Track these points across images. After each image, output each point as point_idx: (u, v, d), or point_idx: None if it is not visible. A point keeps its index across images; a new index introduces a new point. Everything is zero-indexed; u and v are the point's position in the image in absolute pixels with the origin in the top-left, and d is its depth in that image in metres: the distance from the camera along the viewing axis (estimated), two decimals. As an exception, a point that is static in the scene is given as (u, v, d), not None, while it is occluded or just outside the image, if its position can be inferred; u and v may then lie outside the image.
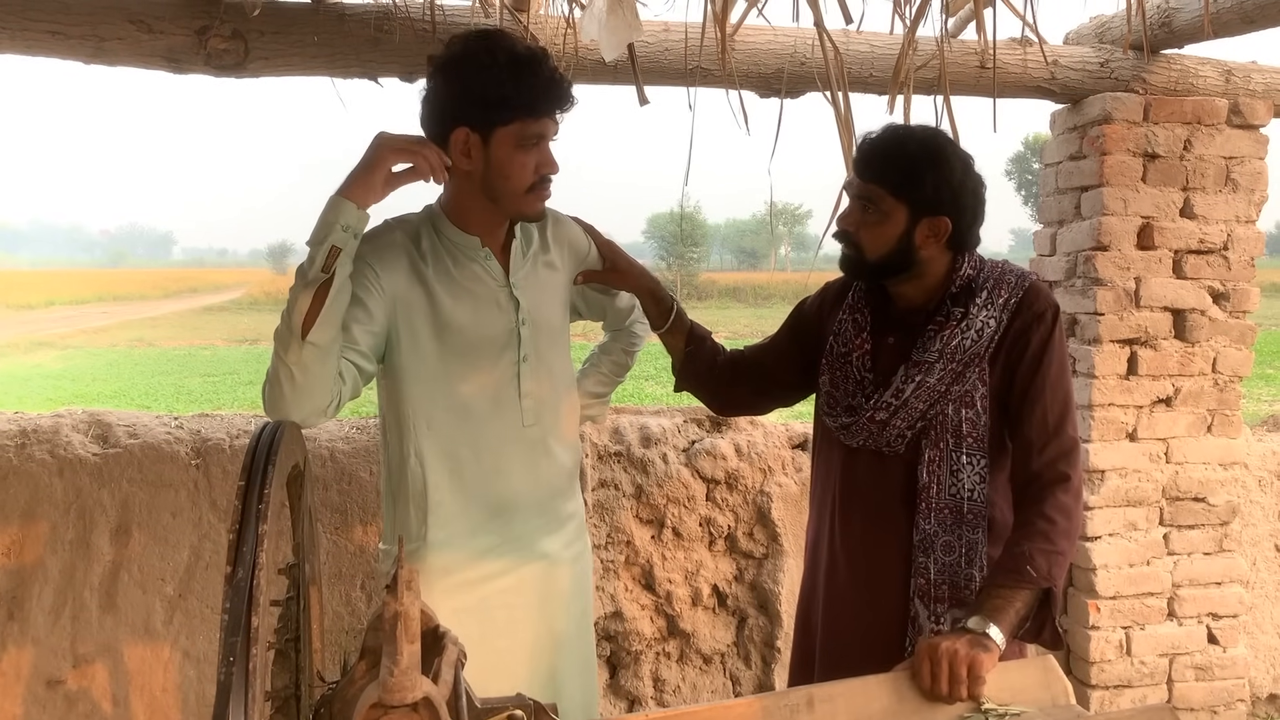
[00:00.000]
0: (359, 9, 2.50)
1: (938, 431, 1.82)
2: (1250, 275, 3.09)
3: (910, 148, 1.80)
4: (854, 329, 1.92)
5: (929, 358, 1.81)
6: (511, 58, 1.74)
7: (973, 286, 1.84)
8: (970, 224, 1.83)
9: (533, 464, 1.92)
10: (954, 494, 1.81)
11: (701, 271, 60.90)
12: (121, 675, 2.73)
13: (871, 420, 1.84)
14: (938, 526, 1.82)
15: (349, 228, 1.64)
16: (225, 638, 1.01)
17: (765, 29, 2.68)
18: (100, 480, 2.71)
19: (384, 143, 1.69)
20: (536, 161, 1.80)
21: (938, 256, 1.84)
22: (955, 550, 1.81)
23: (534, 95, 1.76)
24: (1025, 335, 1.80)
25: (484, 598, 1.88)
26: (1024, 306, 1.81)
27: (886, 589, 1.86)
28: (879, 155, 1.81)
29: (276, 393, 1.64)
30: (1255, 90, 3.05)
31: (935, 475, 1.82)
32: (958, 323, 1.80)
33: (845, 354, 1.92)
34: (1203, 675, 3.12)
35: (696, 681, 3.06)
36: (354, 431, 2.90)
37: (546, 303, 1.95)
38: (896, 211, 1.79)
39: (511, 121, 1.75)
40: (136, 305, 50.25)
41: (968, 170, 1.81)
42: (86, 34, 2.37)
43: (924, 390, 1.81)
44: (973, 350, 1.80)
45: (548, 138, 1.81)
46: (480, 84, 1.73)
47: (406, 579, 1.08)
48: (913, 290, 1.88)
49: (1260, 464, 3.34)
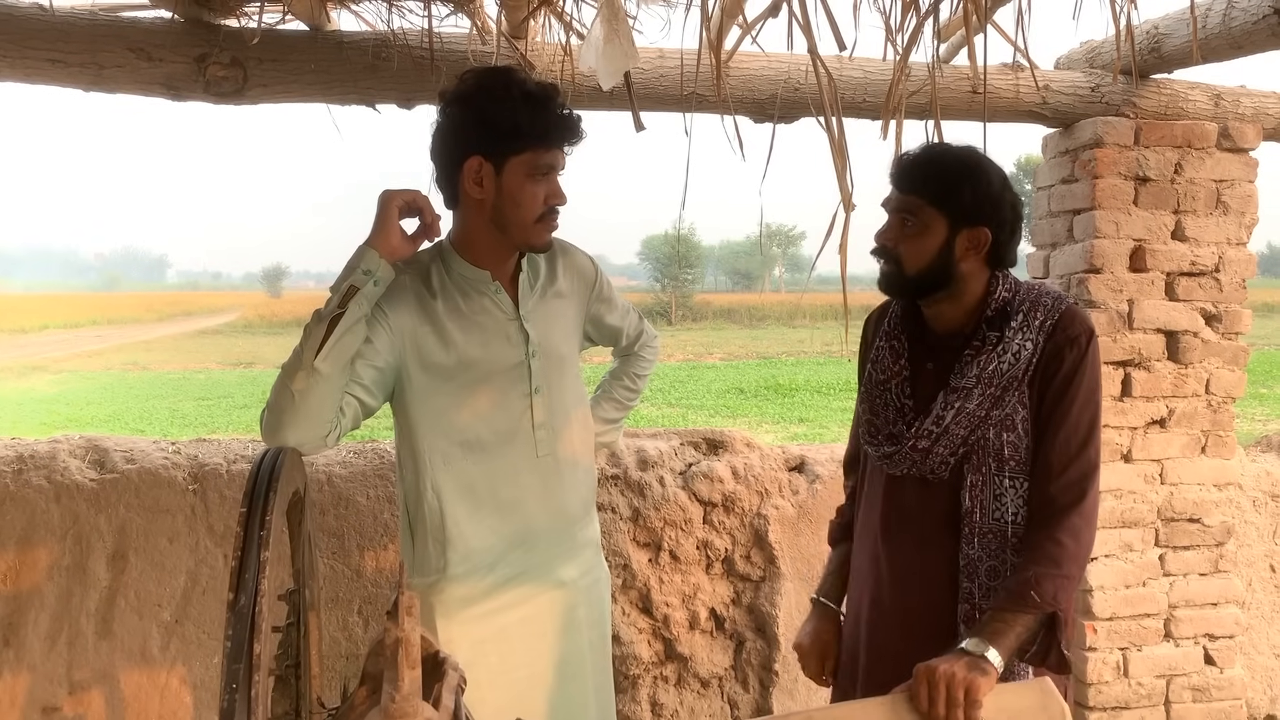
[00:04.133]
0: (357, 37, 2.52)
1: (980, 456, 1.80)
2: (1242, 297, 3.11)
3: (948, 160, 1.82)
4: (891, 356, 1.91)
5: (967, 383, 1.79)
6: (525, 92, 1.79)
7: (1008, 310, 1.82)
8: (1009, 237, 1.82)
9: (548, 493, 1.94)
10: (998, 518, 1.80)
11: (696, 293, 61.04)
12: (118, 702, 2.72)
13: (914, 449, 1.82)
14: (982, 551, 1.80)
15: (370, 272, 1.72)
16: (228, 664, 1.01)
17: (759, 56, 2.71)
18: (97, 506, 2.71)
19: (388, 195, 1.78)
20: (546, 192, 1.83)
21: (976, 273, 1.83)
22: (1000, 574, 1.79)
23: (547, 126, 1.80)
24: (1058, 357, 1.79)
25: (503, 627, 1.89)
26: (1059, 329, 1.80)
27: (934, 614, 1.85)
28: (918, 168, 1.82)
29: (275, 418, 1.66)
30: (1244, 114, 3.08)
31: (978, 500, 1.80)
32: (993, 347, 1.79)
33: (884, 381, 1.91)
34: (1200, 696, 3.12)
35: (694, 705, 3.05)
36: (351, 456, 2.90)
37: (556, 333, 1.97)
38: (936, 222, 1.78)
39: (524, 151, 1.79)
40: (131, 328, 50.21)
41: (1005, 184, 1.82)
42: (86, 62, 2.39)
43: (964, 416, 1.79)
44: (1010, 374, 1.78)
45: (557, 169, 1.85)
46: (495, 114, 1.77)
47: (407, 605, 1.09)
48: (950, 311, 1.86)
49: (1254, 484, 3.36)
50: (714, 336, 40.48)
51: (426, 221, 1.81)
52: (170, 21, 2.41)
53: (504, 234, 1.84)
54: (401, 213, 1.78)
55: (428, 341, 1.84)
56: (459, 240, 1.90)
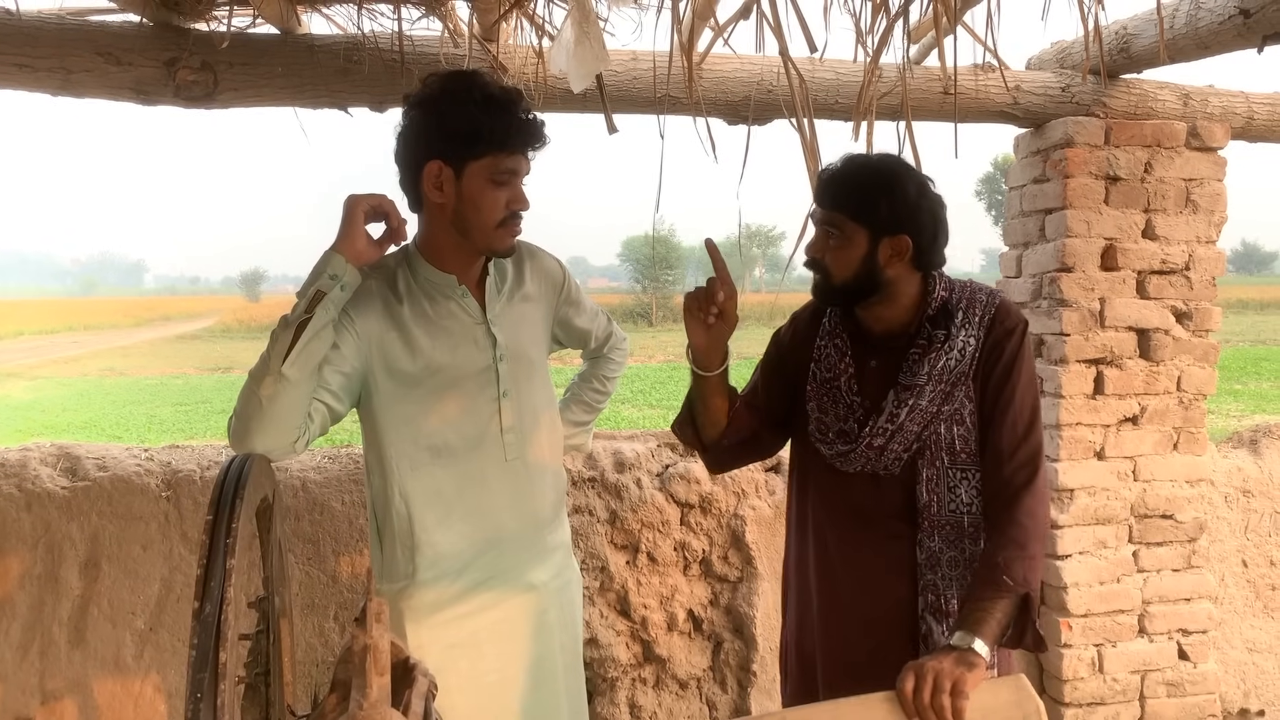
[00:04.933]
0: (328, 40, 2.51)
1: (933, 451, 1.86)
2: (1212, 294, 3.14)
3: (864, 175, 1.87)
4: (836, 354, 1.95)
5: (918, 381, 1.85)
6: (486, 95, 1.77)
7: (949, 308, 1.89)
8: (931, 242, 1.87)
9: (517, 497, 1.93)
10: (953, 510, 1.86)
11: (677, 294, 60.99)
12: (91, 711, 2.70)
13: (870, 446, 1.87)
14: (942, 543, 1.86)
15: (336, 277, 1.70)
16: (193, 673, 1.01)
17: (732, 58, 2.72)
18: (69, 514, 2.69)
19: (352, 199, 1.77)
20: (508, 197, 1.82)
21: (906, 276, 1.88)
22: (960, 564, 1.86)
23: (507, 131, 1.78)
24: (998, 349, 1.86)
25: (473, 632, 1.89)
26: (996, 323, 1.88)
27: (895, 609, 1.89)
28: (836, 183, 1.88)
29: (243, 424, 1.65)
30: (1213, 114, 3.11)
31: (935, 493, 1.86)
32: (940, 345, 1.86)
33: (831, 379, 1.95)
34: (1174, 691, 3.14)
35: (673, 707, 3.05)
36: (325, 461, 2.89)
37: (524, 336, 1.97)
38: (857, 235, 1.84)
39: (484, 156, 1.78)
40: (108, 334, 49.79)
41: (923, 191, 1.87)
42: (54, 66, 2.37)
43: (917, 413, 1.85)
44: (958, 370, 1.85)
45: (519, 175, 1.83)
46: (455, 118, 1.76)
47: (375, 611, 1.09)
48: (888, 313, 1.91)
49: (1226, 480, 3.39)
50: (695, 337, 40.40)
51: (393, 225, 1.80)
52: (139, 25, 2.40)
53: (466, 238, 1.83)
54: (367, 217, 1.76)
55: (394, 347, 1.83)
56: (424, 244, 1.89)
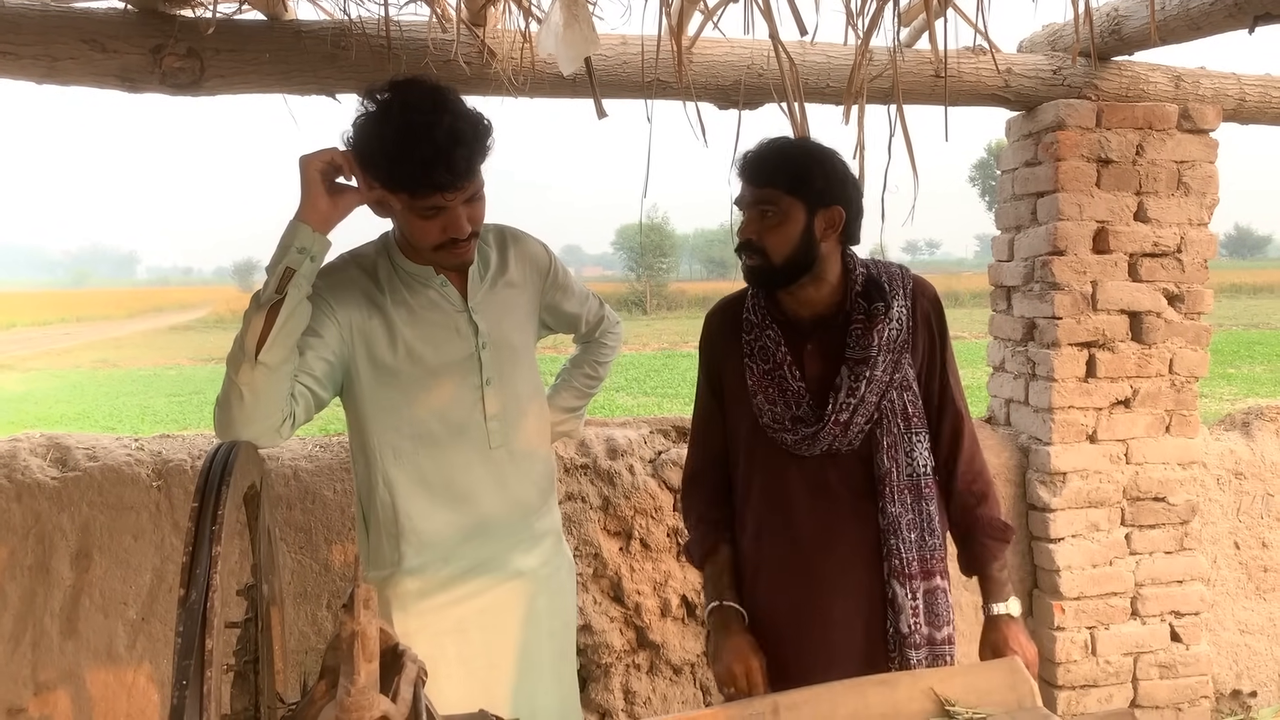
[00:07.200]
0: (315, 26, 2.49)
1: (890, 419, 1.92)
2: (1204, 277, 3.14)
3: (793, 149, 1.93)
4: (771, 344, 1.96)
5: (870, 353, 1.89)
6: (400, 129, 1.65)
7: (876, 281, 1.95)
8: (857, 215, 1.95)
9: (503, 485, 1.92)
10: (910, 474, 1.93)
11: (671, 281, 61.01)
12: (84, 702, 2.69)
13: (836, 423, 1.89)
14: (901, 508, 1.91)
15: (305, 250, 1.64)
16: (178, 661, 1.00)
17: (722, 41, 2.70)
18: (59, 504, 2.67)
19: (304, 159, 1.68)
20: (441, 225, 1.74)
21: (832, 252, 1.94)
22: (918, 526, 1.92)
23: (412, 178, 1.68)
24: (928, 318, 1.97)
25: (461, 619, 1.88)
26: (919, 294, 1.97)
27: (859, 579, 1.93)
28: (769, 160, 1.91)
29: (225, 414, 1.63)
30: (1204, 95, 3.10)
31: (894, 460, 1.92)
32: (882, 315, 1.91)
33: (772, 370, 1.95)
34: (1167, 673, 3.15)
35: (667, 693, 3.06)
36: (317, 450, 2.88)
37: (508, 323, 1.95)
38: (794, 209, 1.87)
39: (398, 193, 1.71)
40: (100, 326, 49.62)
41: (847, 167, 1.95)
42: (39, 54, 2.34)
43: (874, 384, 1.89)
44: (900, 339, 1.92)
45: (450, 205, 1.73)
46: (368, 151, 1.68)
47: (364, 598, 1.08)
48: (814, 293, 1.95)
49: (1218, 463, 3.39)
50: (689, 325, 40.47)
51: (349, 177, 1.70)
52: (124, 12, 2.38)
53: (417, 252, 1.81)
54: (324, 176, 1.67)
55: (376, 335, 1.81)
56: (399, 237, 1.87)
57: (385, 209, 1.78)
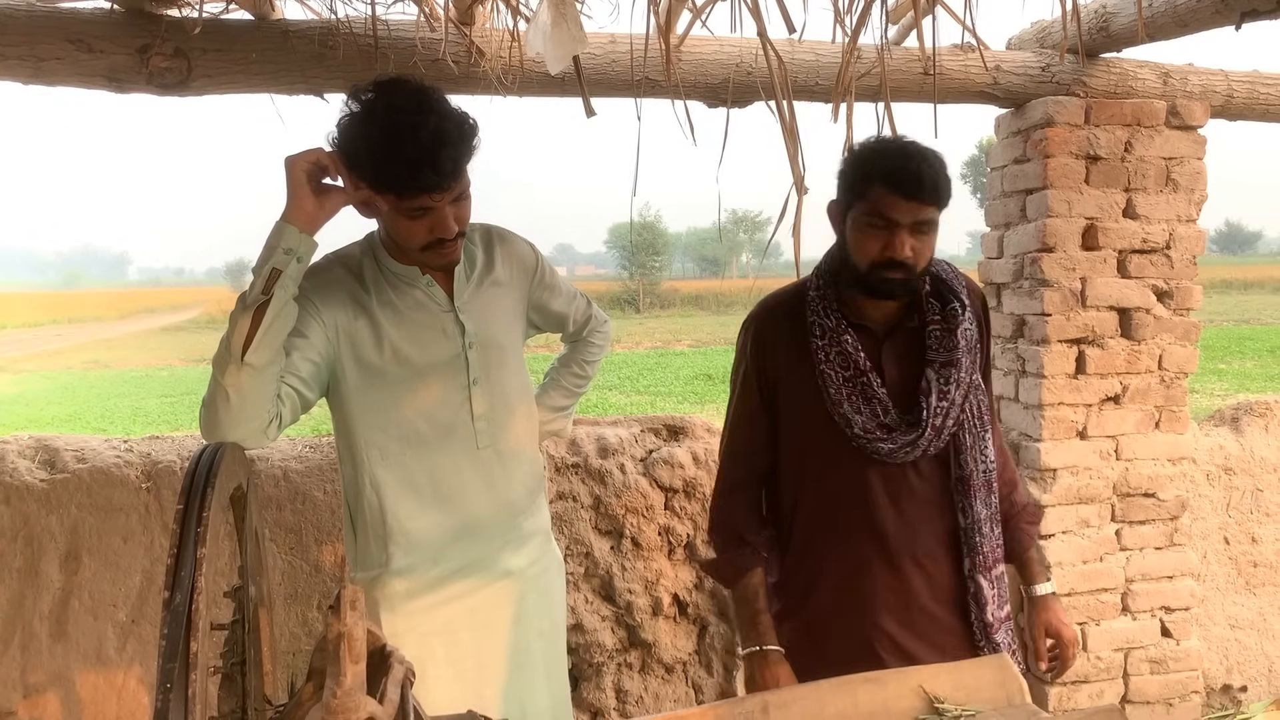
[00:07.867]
0: (302, 25, 2.49)
1: (971, 419, 1.94)
2: (1193, 273, 3.15)
3: (939, 163, 1.86)
4: (851, 349, 1.90)
5: (956, 355, 1.90)
6: (385, 130, 1.64)
7: (946, 280, 1.95)
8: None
9: (490, 485, 1.91)
10: (985, 470, 1.95)
11: (664, 280, 61.01)
12: (74, 704, 2.69)
13: (934, 426, 1.88)
14: (983, 506, 1.94)
15: (291, 250, 1.63)
16: (163, 663, 1.00)
17: (711, 40, 2.70)
18: (48, 506, 2.67)
19: (289, 160, 1.66)
20: (428, 225, 1.74)
21: None
22: (991, 520, 1.96)
23: (399, 179, 1.67)
24: (980, 316, 1.99)
25: (449, 620, 1.88)
26: (972, 293, 1.98)
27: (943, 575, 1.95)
28: (927, 179, 1.82)
29: (212, 415, 1.63)
30: (1192, 92, 3.11)
31: (976, 460, 1.93)
32: (959, 316, 1.91)
33: (854, 376, 1.90)
34: (1157, 668, 3.16)
35: (659, 691, 3.06)
36: (307, 450, 2.87)
37: (495, 323, 1.94)
38: (936, 220, 1.88)
39: (385, 194, 1.70)
40: (92, 327, 49.50)
41: None
42: (24, 54, 2.33)
43: (961, 386, 1.90)
44: (974, 339, 1.94)
45: (436, 205, 1.72)
46: (354, 152, 1.68)
47: (350, 598, 1.08)
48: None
49: (1208, 458, 3.40)
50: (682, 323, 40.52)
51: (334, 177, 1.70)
52: (110, 12, 2.37)
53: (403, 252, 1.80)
54: (310, 176, 1.66)
55: (361, 336, 1.81)
56: (384, 237, 1.86)
57: (371, 209, 1.77)
